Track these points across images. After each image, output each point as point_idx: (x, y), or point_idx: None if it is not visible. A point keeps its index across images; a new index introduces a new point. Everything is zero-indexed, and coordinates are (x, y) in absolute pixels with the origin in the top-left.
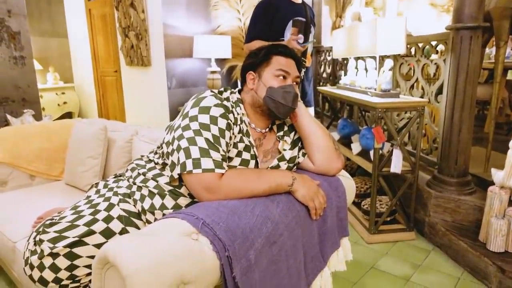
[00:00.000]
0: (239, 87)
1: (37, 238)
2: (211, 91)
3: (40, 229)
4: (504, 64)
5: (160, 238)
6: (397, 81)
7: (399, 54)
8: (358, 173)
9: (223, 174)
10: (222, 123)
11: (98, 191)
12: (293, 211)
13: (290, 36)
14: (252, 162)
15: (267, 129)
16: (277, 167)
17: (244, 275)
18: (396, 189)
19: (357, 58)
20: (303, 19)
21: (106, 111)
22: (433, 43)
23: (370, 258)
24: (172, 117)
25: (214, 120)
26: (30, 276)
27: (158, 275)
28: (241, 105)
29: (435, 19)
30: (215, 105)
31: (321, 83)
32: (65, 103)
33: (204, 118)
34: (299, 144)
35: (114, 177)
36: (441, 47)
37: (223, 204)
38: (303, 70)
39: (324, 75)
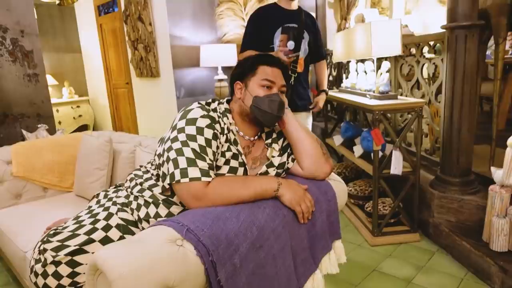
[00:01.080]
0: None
1: (41, 247)
2: (199, 103)
3: (45, 239)
4: (506, 61)
5: (145, 244)
6: (398, 82)
7: (399, 55)
8: (363, 175)
9: (209, 182)
10: (208, 133)
11: (98, 201)
12: (279, 215)
13: (278, 47)
14: (241, 170)
15: (256, 137)
16: (266, 173)
17: (229, 278)
18: (400, 190)
19: (357, 61)
20: (294, 25)
21: (119, 122)
22: (431, 43)
23: (373, 260)
24: None
25: (200, 130)
26: (35, 284)
27: (142, 280)
28: (228, 115)
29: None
30: (202, 116)
31: (327, 87)
32: (80, 116)
33: (191, 129)
34: (289, 150)
35: (115, 188)
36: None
37: (209, 211)
38: (294, 75)
39: (330, 78)
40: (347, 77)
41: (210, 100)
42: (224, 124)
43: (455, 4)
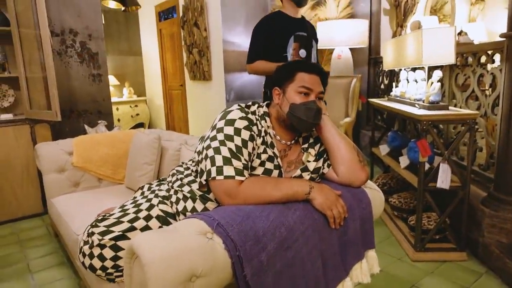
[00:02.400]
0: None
1: (90, 231)
2: (239, 105)
3: (93, 223)
4: None
5: (177, 234)
6: (453, 92)
7: (455, 64)
8: (410, 187)
9: (242, 181)
10: (245, 134)
11: (143, 193)
12: (310, 218)
13: (292, 55)
14: (276, 172)
15: (293, 141)
16: (300, 177)
17: (255, 275)
18: (448, 206)
19: (409, 69)
20: (304, 34)
21: (172, 122)
22: (489, 52)
23: (413, 276)
24: None
25: (238, 131)
26: (83, 263)
27: (172, 266)
28: (267, 118)
29: None
30: (240, 118)
31: (379, 94)
32: (137, 114)
33: (229, 130)
34: (325, 156)
35: (158, 181)
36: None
37: (241, 208)
38: None
39: (382, 86)
40: (397, 86)
41: (250, 103)
42: (262, 126)
43: None
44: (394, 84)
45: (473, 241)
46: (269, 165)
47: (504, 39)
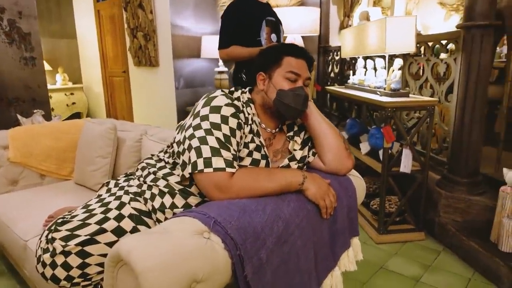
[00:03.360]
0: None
1: (49, 236)
2: (222, 91)
3: (52, 227)
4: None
5: (172, 236)
6: (406, 81)
7: (408, 53)
8: (367, 173)
9: (233, 173)
10: (233, 122)
11: (109, 190)
12: (303, 210)
13: (265, 40)
14: (263, 162)
15: (277, 129)
16: (288, 166)
17: (255, 274)
18: (405, 188)
19: (365, 58)
20: (273, 19)
21: (114, 111)
22: (443, 42)
23: (379, 258)
24: (180, 117)
25: (225, 119)
26: (43, 274)
27: (171, 273)
28: (251, 105)
29: (443, 19)
30: (226, 105)
31: (329, 83)
32: (73, 103)
33: (215, 118)
34: (309, 144)
35: (125, 176)
36: (451, 45)
37: (234, 203)
38: None
39: (332, 74)
40: (354, 74)
41: (232, 89)
42: (248, 114)
43: (473, 3)
44: (351, 72)
45: (430, 221)
46: (256, 155)
47: (460, 29)
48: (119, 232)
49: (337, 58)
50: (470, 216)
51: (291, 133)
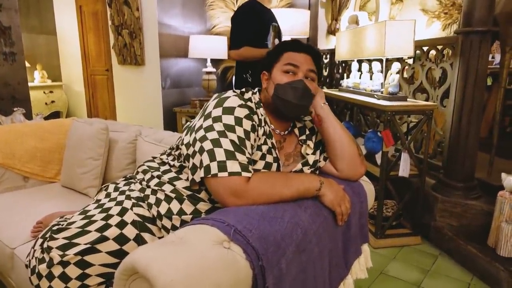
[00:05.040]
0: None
1: (45, 245)
2: (234, 91)
3: (47, 235)
4: (492, 71)
5: (191, 247)
6: (399, 85)
7: (401, 58)
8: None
9: (249, 177)
10: (247, 124)
11: (108, 195)
12: (320, 216)
13: (271, 44)
14: (275, 165)
15: (287, 132)
16: (301, 171)
17: (276, 284)
18: (399, 192)
19: (360, 61)
20: (277, 24)
21: (95, 110)
22: (439, 47)
23: (378, 263)
24: (166, 118)
25: (239, 121)
26: (38, 286)
27: (195, 287)
28: (262, 106)
29: (425, 25)
30: (240, 106)
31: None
32: (53, 102)
33: (229, 119)
34: (320, 148)
35: (125, 180)
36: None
37: (252, 209)
38: None
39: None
40: (347, 77)
41: (243, 90)
42: (262, 115)
43: (471, 9)
44: (344, 75)
45: (425, 225)
46: (269, 158)
47: (458, 35)
48: (121, 240)
49: (326, 61)
50: (466, 220)
51: (303, 137)
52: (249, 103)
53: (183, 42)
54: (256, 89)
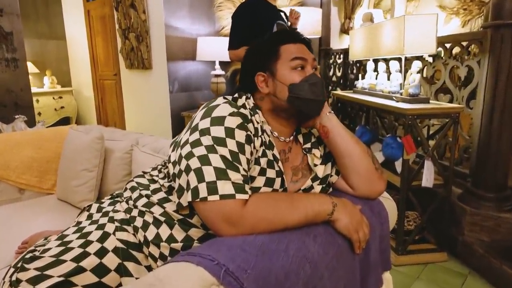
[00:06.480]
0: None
1: (14, 277)
2: (224, 98)
3: (19, 265)
4: None
5: None
6: (420, 86)
7: (422, 56)
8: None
9: (246, 200)
10: (241, 135)
11: (90, 216)
12: (334, 246)
13: None
14: (278, 180)
15: (291, 138)
16: (310, 188)
17: None
18: (422, 204)
19: (376, 60)
20: (282, 22)
21: (105, 116)
22: (464, 43)
23: (401, 283)
24: (175, 122)
25: (230, 132)
26: None
27: None
28: (259, 111)
29: (443, 22)
30: (231, 114)
31: (330, 87)
32: (62, 107)
33: (218, 131)
34: (332, 159)
35: (110, 199)
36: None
37: (249, 240)
38: None
39: (334, 78)
40: (363, 78)
41: (236, 95)
42: (258, 123)
43: (501, 0)
44: (358, 76)
45: (452, 240)
46: (270, 173)
47: (486, 29)
48: (101, 271)
49: (339, 61)
50: (499, 235)
51: (308, 145)
52: (242, 110)
53: (190, 45)
54: (249, 94)
